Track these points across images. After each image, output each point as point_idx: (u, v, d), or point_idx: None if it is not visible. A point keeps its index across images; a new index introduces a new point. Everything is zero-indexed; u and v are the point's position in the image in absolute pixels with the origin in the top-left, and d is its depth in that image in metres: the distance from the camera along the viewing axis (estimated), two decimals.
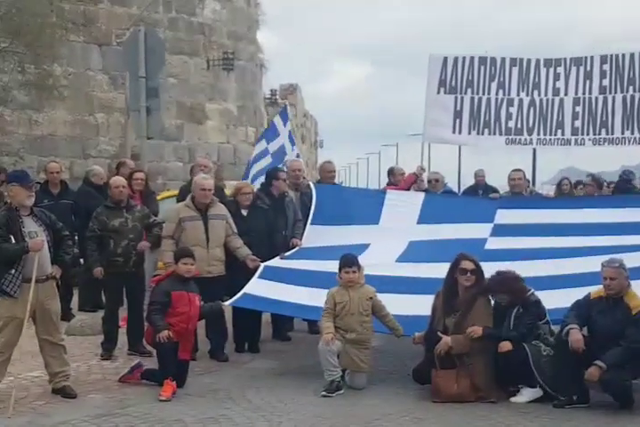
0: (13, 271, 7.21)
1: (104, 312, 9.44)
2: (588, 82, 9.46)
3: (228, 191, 10.99)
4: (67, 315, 9.90)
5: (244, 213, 9.82)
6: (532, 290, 8.00)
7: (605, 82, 9.38)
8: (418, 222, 10.00)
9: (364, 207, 10.39)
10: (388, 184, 12.31)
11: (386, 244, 9.70)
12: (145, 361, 8.40)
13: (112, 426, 6.70)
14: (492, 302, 8.07)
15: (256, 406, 7.41)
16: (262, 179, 11.45)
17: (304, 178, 11.33)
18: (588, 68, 9.48)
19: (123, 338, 9.33)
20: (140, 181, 10.65)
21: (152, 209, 10.13)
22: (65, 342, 7.83)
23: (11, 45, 16.80)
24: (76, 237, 10.01)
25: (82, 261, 10.19)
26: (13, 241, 7.23)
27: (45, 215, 7.71)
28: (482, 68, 9.58)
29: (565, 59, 9.62)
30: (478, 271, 8.04)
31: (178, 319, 7.97)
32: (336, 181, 12.77)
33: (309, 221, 10.07)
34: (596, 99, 9.39)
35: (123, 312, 9.45)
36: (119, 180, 9.75)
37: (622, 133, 9.37)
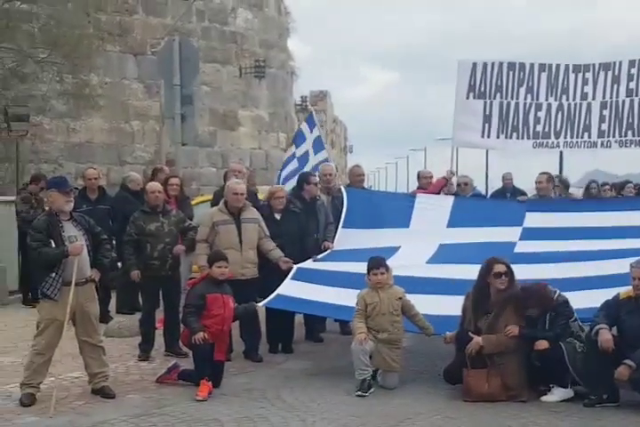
0: (54, 275, 7.26)
1: (141, 314, 9.52)
2: (615, 86, 9.40)
3: (261, 196, 11.00)
4: (105, 317, 9.96)
5: (278, 216, 9.83)
6: (558, 291, 7.96)
7: (632, 85, 9.30)
8: (447, 226, 9.99)
9: (395, 211, 10.41)
10: (417, 188, 12.26)
11: (416, 246, 9.69)
12: (181, 362, 8.43)
13: (150, 425, 6.73)
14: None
15: (290, 405, 7.42)
16: (292, 182, 11.49)
17: (335, 182, 11.33)
18: (616, 73, 9.42)
19: (159, 340, 9.39)
20: (175, 186, 10.69)
21: (187, 213, 10.17)
22: (103, 343, 7.87)
23: (49, 56, 16.93)
24: (114, 242, 10.08)
25: (119, 264, 10.24)
26: (54, 245, 7.27)
27: (84, 220, 7.76)
28: (511, 73, 9.54)
29: (594, 64, 9.58)
30: (510, 274, 8.00)
31: (213, 321, 8.00)
32: (365, 184, 12.70)
33: (341, 224, 10.07)
34: (623, 102, 9.34)
35: (159, 314, 9.50)
36: (155, 185, 9.83)
37: (637, 136, 9.32)
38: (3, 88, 15.89)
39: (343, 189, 10.94)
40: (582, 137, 9.59)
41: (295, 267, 9.23)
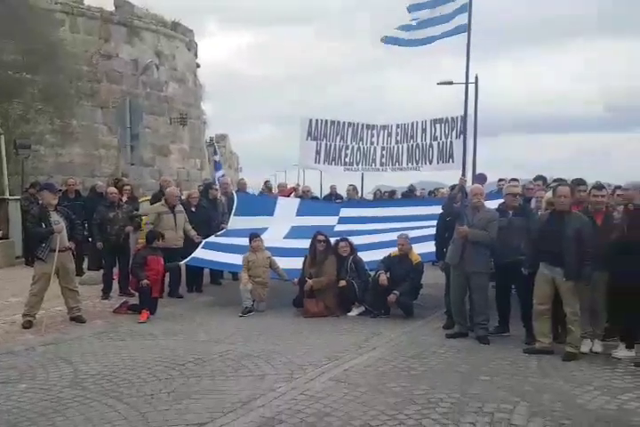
0: (44, 245, 7.27)
1: (103, 270, 9.41)
2: (389, 138, 9.86)
3: (183, 196, 11.08)
4: (79, 272, 9.84)
5: (193, 209, 9.89)
6: (356, 251, 8.40)
7: (398, 137, 9.83)
8: (296, 215, 10.16)
9: (265, 206, 10.51)
10: (278, 193, 12.64)
11: (277, 227, 9.84)
12: (130, 299, 8.46)
13: (108, 338, 6.79)
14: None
15: (199, 323, 7.56)
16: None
17: (230, 188, 11.53)
18: (389, 131, 9.89)
19: (115, 286, 9.32)
20: (127, 190, 10.67)
21: (134, 207, 10.18)
22: (78, 288, 7.83)
23: (45, 107, 16.79)
24: (86, 224, 10.03)
25: (90, 239, 10.17)
26: (44, 226, 7.29)
27: (64, 210, 7.75)
28: (332, 126, 9.92)
29: (377, 125, 10.03)
30: (327, 242, 8.36)
31: (151, 273, 8.03)
32: (248, 191, 13.01)
33: (232, 214, 10.11)
34: (393, 147, 9.85)
35: (115, 270, 9.43)
36: (113, 189, 9.85)
37: (406, 165, 9.83)
38: (13, 127, 15.63)
39: (234, 192, 11.10)
40: (372, 165, 10.05)
41: (204, 241, 9.32)
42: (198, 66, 23.09)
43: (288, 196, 11.92)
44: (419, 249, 8.13)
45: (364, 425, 4.19)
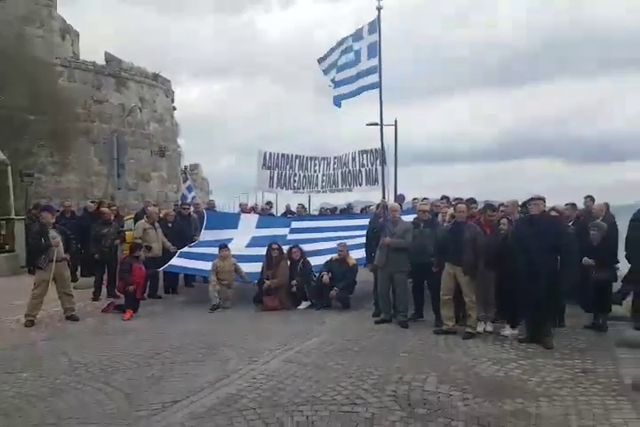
0: (43, 256, 7.01)
1: (95, 277, 9.06)
2: (327, 166, 9.92)
3: (161, 215, 10.85)
4: (74, 278, 9.44)
5: (170, 225, 9.66)
6: (305, 255, 8.36)
7: (335, 166, 9.88)
8: (256, 227, 10.01)
9: (230, 220, 10.33)
10: (241, 210, 12.51)
11: (241, 238, 9.67)
12: (116, 300, 8.19)
13: (98, 334, 6.57)
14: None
15: (174, 319, 7.38)
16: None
17: (202, 207, 11.36)
18: (328, 161, 9.96)
19: (104, 290, 8.93)
20: (114, 210, 10.40)
21: (120, 224, 9.89)
22: (73, 292, 7.55)
23: (47, 143, 16.42)
24: (78, 239, 9.68)
25: (82, 251, 9.80)
26: (43, 241, 7.04)
27: (61, 228, 7.50)
28: (282, 158, 9.93)
29: (318, 157, 10.07)
30: (280, 249, 8.29)
31: (135, 278, 7.81)
32: (216, 209, 12.82)
33: (203, 228, 9.88)
34: (331, 173, 9.92)
35: (105, 276, 9.07)
36: (107, 209, 9.57)
37: (341, 186, 9.90)
38: (20, 159, 15.11)
39: (204, 211, 10.93)
40: (315, 189, 10.09)
41: (179, 251, 9.11)
42: (175, 108, 22.94)
43: (249, 213, 11.79)
44: (354, 255, 8.17)
45: (310, 396, 4.17)
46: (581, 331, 6.26)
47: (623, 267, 6.46)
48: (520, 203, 7.18)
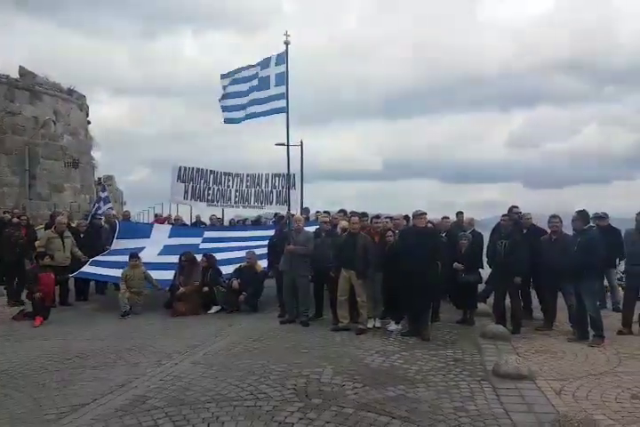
0: None
1: (5, 285, 8.24)
2: (240, 183, 9.76)
3: (73, 224, 10.06)
4: None
5: (82, 235, 9.10)
6: (216, 263, 8.19)
7: (248, 183, 9.81)
8: (168, 237, 9.58)
9: (143, 230, 9.84)
10: (155, 220, 11.94)
11: (152, 247, 9.23)
12: (27, 308, 7.49)
13: (7, 340, 6.00)
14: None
15: (85, 326, 6.89)
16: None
17: (114, 218, 10.74)
18: (241, 178, 9.81)
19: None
20: (25, 219, 9.51)
21: (33, 232, 9.07)
22: None
23: None
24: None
25: None
26: None
27: None
28: (197, 173, 9.63)
29: (232, 173, 9.84)
30: (193, 258, 8.08)
31: (43, 287, 7.27)
32: (131, 219, 12.12)
33: (115, 237, 9.28)
34: (244, 190, 9.79)
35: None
36: (17, 220, 8.88)
37: (254, 204, 9.82)
38: None
39: (117, 221, 10.31)
40: (228, 203, 9.85)
41: (90, 259, 8.52)
42: (89, 122, 21.54)
43: (162, 223, 11.29)
44: (262, 262, 8.07)
45: (216, 394, 4.06)
46: (453, 325, 6.68)
47: (486, 271, 7.02)
48: (403, 216, 7.58)
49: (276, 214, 11.70)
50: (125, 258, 8.17)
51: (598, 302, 6.40)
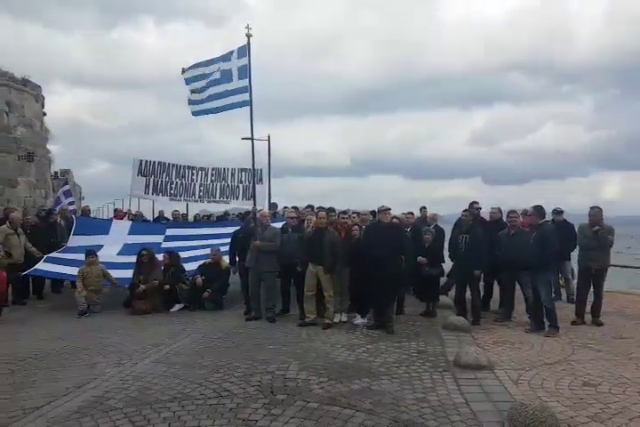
0: None
1: None
2: (205, 177, 9.58)
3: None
4: None
5: (28, 231, 8.63)
6: (180, 261, 8.07)
7: (213, 178, 9.63)
8: (128, 234, 9.25)
9: (101, 226, 9.46)
10: (114, 216, 11.58)
11: (112, 245, 8.92)
12: None
13: None
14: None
15: (41, 325, 6.60)
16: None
17: (70, 213, 10.35)
18: (206, 172, 9.63)
19: None
20: None
21: None
22: None
23: None
24: None
25: None
26: None
27: None
28: (159, 166, 9.39)
29: (196, 166, 9.68)
30: (152, 255, 7.87)
31: None
32: (91, 215, 11.72)
33: (71, 233, 8.88)
34: (209, 184, 9.62)
35: None
36: None
37: (219, 198, 9.68)
38: None
39: (73, 216, 9.92)
40: (192, 197, 9.63)
41: (45, 256, 8.19)
42: (45, 114, 20.59)
43: (122, 219, 10.94)
44: (226, 259, 7.92)
45: (178, 393, 3.97)
46: (417, 317, 6.81)
47: (448, 265, 7.17)
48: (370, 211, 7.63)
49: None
50: (82, 256, 7.91)
51: (553, 293, 6.64)
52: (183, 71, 7.71)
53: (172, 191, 9.50)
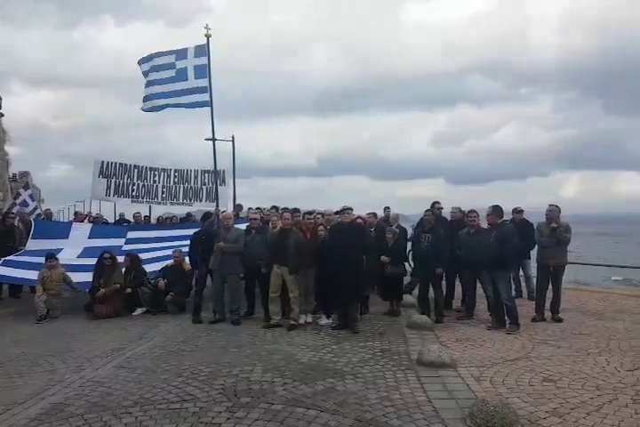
0: None
1: None
2: (168, 179, 9.55)
3: None
4: None
5: None
6: (141, 263, 7.86)
7: (176, 180, 9.61)
8: (88, 237, 9.07)
9: (61, 230, 9.23)
10: (74, 219, 11.25)
11: (71, 248, 8.72)
12: None
13: None
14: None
15: (13, 330, 6.42)
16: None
17: (29, 217, 10.01)
18: (168, 173, 9.58)
19: None
20: None
21: None
22: None
23: None
24: None
25: None
26: None
27: None
28: (120, 167, 9.24)
29: (158, 168, 9.58)
30: (113, 258, 7.65)
31: None
32: (53, 218, 11.36)
33: (30, 237, 8.70)
34: (172, 186, 9.57)
35: None
36: None
37: (182, 201, 9.66)
38: None
39: (32, 220, 9.60)
40: (154, 200, 9.53)
41: (2, 259, 7.92)
42: (2, 115, 19.77)
43: (82, 221, 10.65)
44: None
45: (139, 398, 3.92)
46: (381, 317, 6.91)
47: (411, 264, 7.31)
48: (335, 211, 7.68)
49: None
50: (41, 259, 7.65)
51: (514, 291, 6.85)
52: (139, 63, 7.54)
53: (134, 193, 9.35)
